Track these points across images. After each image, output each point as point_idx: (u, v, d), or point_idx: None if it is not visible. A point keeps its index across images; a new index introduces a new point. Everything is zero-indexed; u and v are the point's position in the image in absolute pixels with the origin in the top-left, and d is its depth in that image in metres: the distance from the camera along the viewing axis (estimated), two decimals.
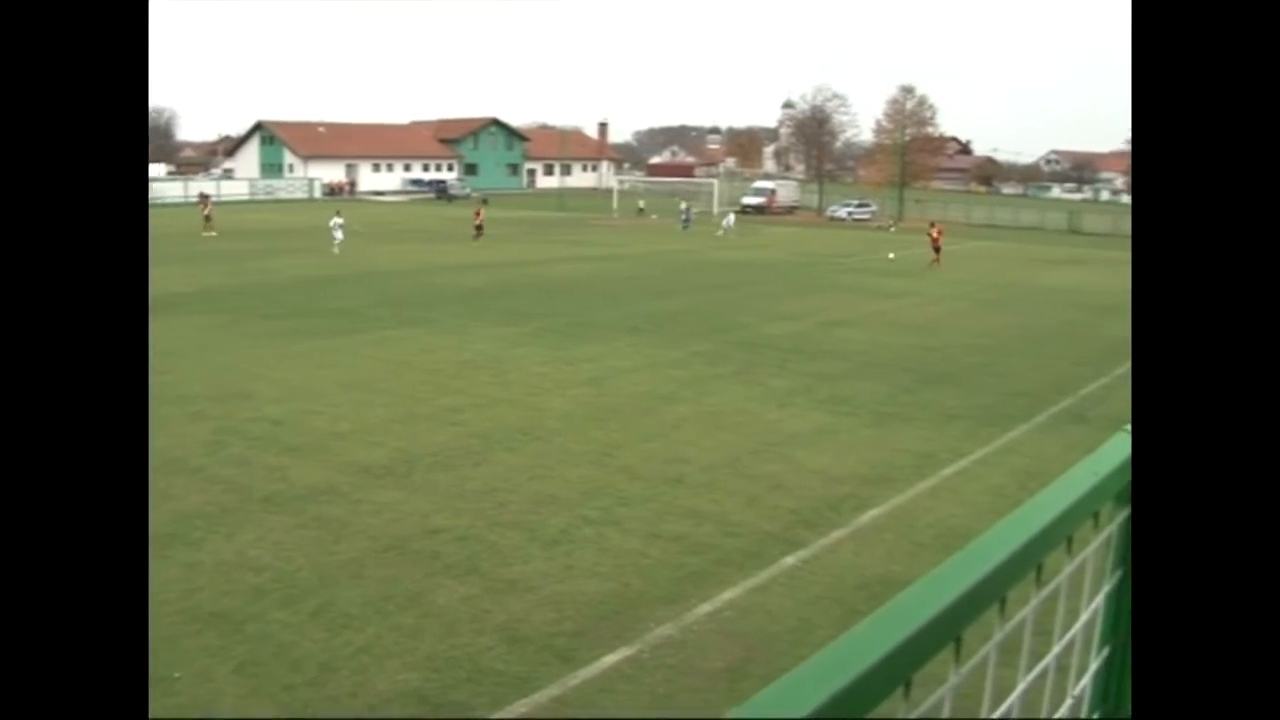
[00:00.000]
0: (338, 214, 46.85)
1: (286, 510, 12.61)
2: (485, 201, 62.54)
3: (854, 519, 12.97)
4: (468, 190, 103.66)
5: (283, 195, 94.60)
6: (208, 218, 52.55)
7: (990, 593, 1.20)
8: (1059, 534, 1.37)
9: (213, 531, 11.76)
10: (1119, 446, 1.67)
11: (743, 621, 10.11)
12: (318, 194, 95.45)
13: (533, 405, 18.04)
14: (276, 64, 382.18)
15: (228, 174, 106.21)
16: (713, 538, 12.21)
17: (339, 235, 44.51)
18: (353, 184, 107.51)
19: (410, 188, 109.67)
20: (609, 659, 9.28)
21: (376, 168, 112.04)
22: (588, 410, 17.84)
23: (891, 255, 48.91)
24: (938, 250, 46.44)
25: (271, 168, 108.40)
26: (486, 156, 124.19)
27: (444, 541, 11.82)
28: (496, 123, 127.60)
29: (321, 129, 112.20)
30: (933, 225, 49.49)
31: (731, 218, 67.87)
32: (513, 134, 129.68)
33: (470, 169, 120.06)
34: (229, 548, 11.38)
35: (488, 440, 15.78)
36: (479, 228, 52.40)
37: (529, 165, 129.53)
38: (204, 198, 63.38)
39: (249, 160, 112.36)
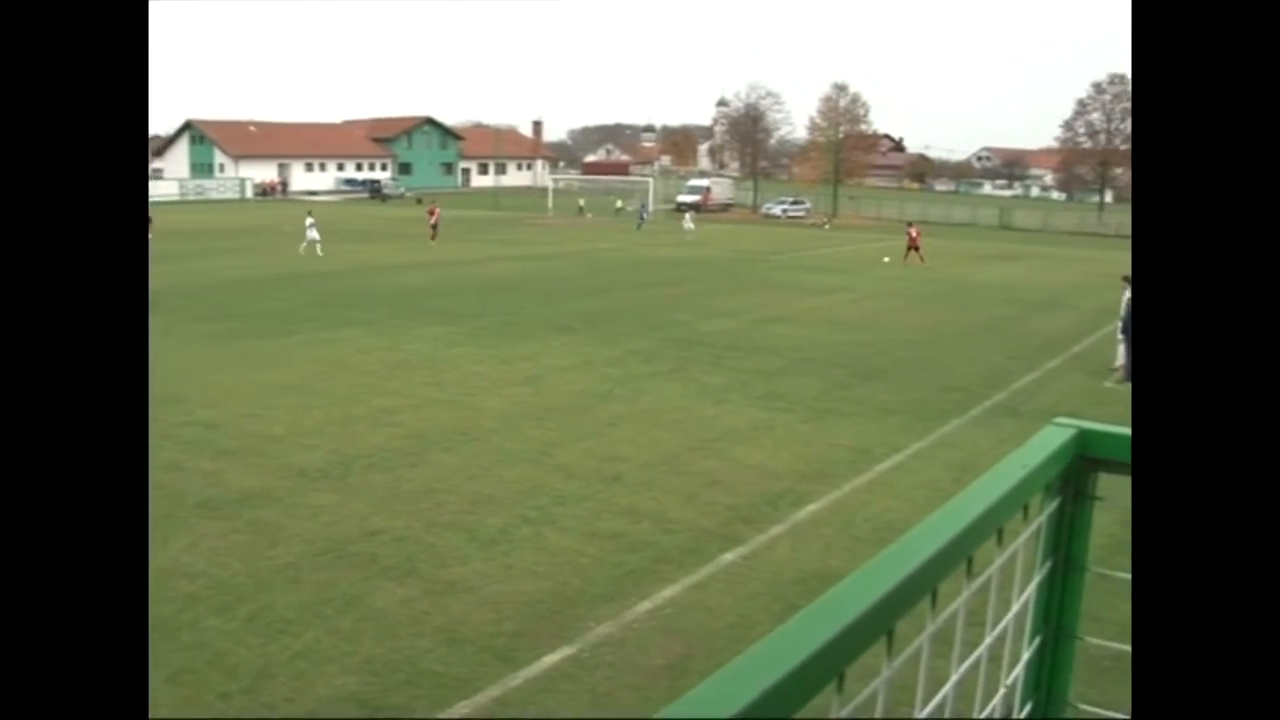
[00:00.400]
0: (309, 213, 45.50)
1: (221, 515, 12.45)
2: (420, 200, 61.69)
3: (792, 514, 13.05)
4: (402, 190, 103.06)
5: (214, 195, 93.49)
6: (148, 219, 51.46)
7: (922, 585, 1.21)
8: (989, 526, 1.39)
9: None
10: (1048, 439, 1.69)
11: (682, 618, 10.14)
12: (249, 194, 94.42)
13: (469, 405, 17.96)
14: (206, 63, 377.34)
15: (157, 174, 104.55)
16: (651, 535, 12.23)
17: (313, 235, 43.20)
18: (285, 184, 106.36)
19: (344, 187, 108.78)
20: (549, 659, 9.27)
21: (309, 167, 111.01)
22: (524, 409, 17.79)
23: (886, 259, 48.04)
24: (917, 249, 47.14)
25: (202, 167, 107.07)
26: (420, 155, 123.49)
27: (381, 543, 11.74)
28: (430, 121, 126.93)
29: (253, 128, 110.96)
30: (910, 225, 50.74)
31: (690, 216, 65.69)
32: (447, 133, 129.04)
33: (404, 168, 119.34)
34: (162, 554, 11.21)
35: (424, 441, 15.69)
36: (434, 227, 51.93)
37: (463, 164, 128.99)
38: None
39: (179, 160, 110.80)
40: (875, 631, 1.10)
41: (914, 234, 48.57)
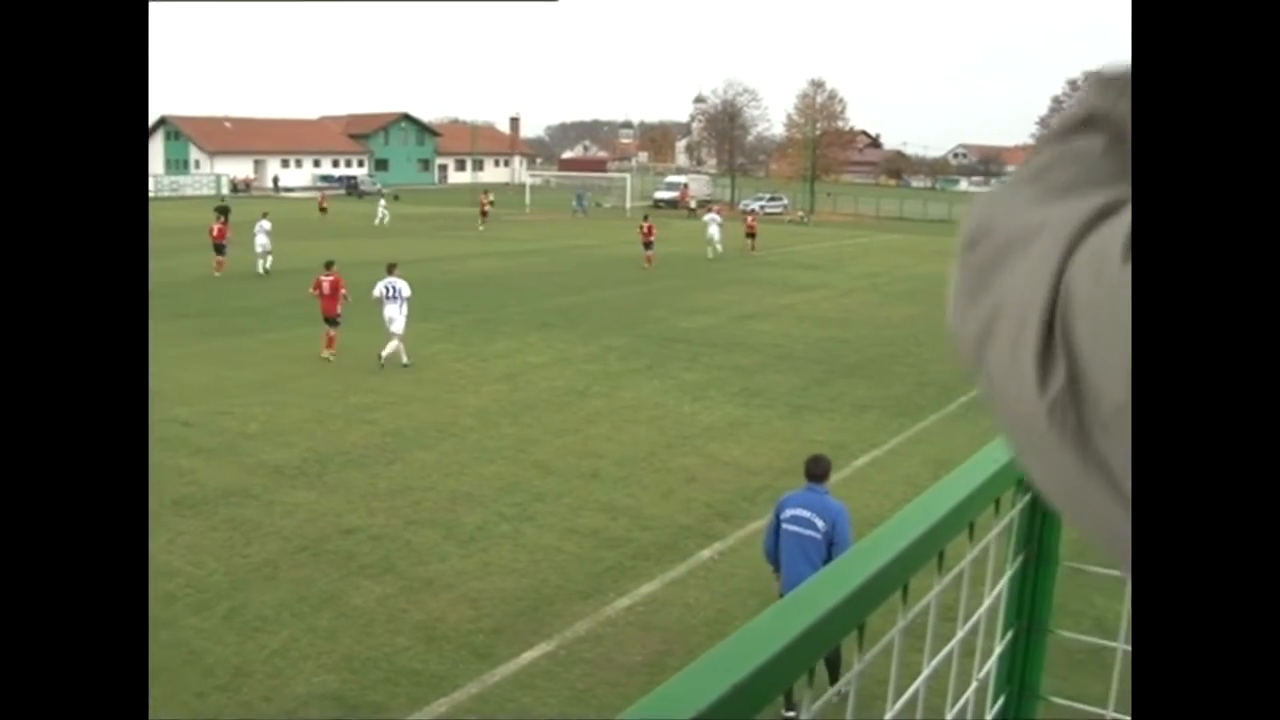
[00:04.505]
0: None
1: (198, 513, 12.40)
2: (397, 197, 60.89)
3: (770, 510, 13.06)
4: (378, 186, 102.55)
5: (189, 192, 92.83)
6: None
7: (894, 579, 1.22)
8: (961, 520, 1.40)
9: None
10: None
11: (661, 615, 10.16)
12: (225, 190, 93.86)
13: (447, 402, 17.93)
14: (180, 58, 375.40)
15: None
16: (629, 532, 12.24)
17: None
18: (274, 179, 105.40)
19: (321, 183, 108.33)
20: (527, 655, 9.28)
21: (286, 163, 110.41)
22: (502, 406, 17.78)
23: None
24: (753, 235, 48.83)
25: (177, 164, 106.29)
26: (397, 152, 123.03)
27: (359, 541, 11.72)
28: (407, 118, 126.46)
29: (228, 124, 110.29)
30: (749, 212, 52.07)
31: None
32: (424, 129, 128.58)
33: (381, 164, 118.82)
34: None
35: (401, 438, 15.66)
36: (485, 213, 55.78)
37: (440, 160, 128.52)
38: None
39: (154, 156, 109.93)
40: (847, 625, 1.10)
41: (750, 220, 49.94)
